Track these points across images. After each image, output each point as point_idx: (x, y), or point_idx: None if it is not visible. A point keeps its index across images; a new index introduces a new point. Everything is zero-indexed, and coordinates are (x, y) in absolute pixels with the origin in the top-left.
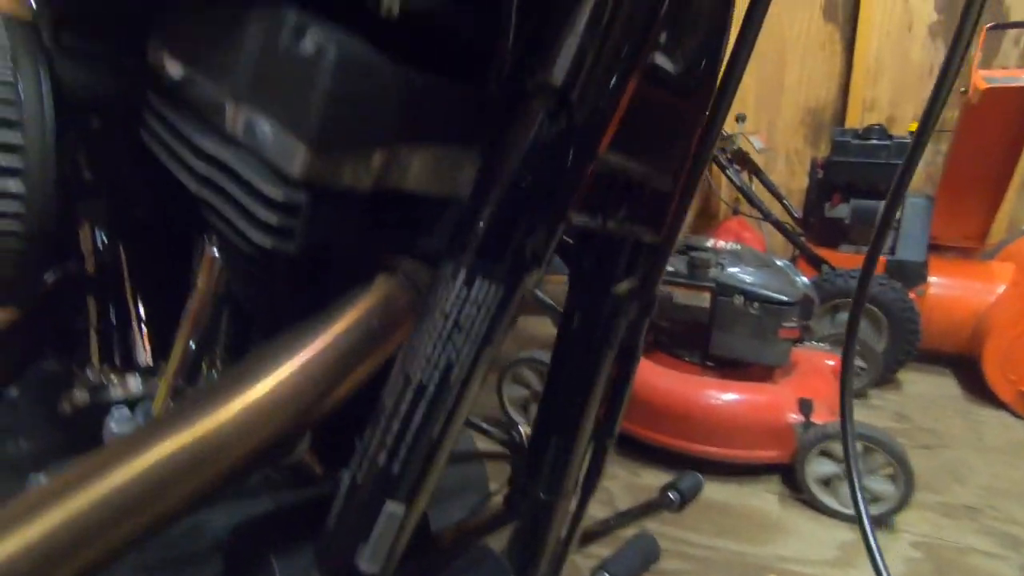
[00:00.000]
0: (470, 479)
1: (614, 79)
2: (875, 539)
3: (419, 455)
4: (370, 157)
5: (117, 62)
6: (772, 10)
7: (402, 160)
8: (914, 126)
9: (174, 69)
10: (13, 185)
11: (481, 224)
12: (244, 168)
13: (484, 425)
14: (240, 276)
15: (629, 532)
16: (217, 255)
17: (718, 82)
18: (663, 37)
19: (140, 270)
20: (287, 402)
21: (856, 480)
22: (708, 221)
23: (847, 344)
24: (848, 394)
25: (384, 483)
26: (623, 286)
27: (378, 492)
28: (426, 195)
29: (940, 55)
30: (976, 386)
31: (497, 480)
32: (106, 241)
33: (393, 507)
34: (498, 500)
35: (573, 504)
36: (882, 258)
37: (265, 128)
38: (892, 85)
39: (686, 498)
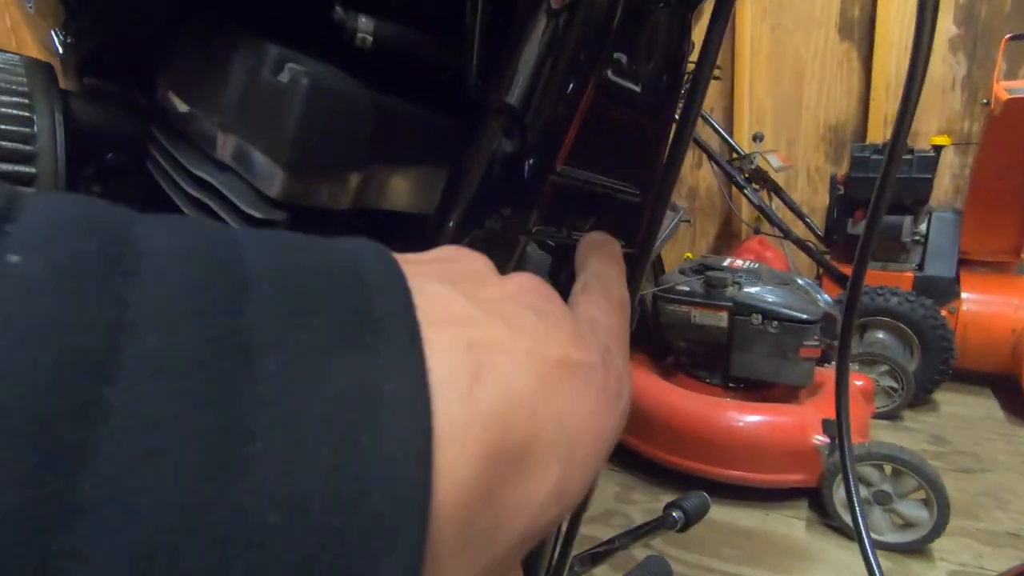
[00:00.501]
0: None
1: (567, 99)
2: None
3: None
4: (346, 178)
5: (132, 101)
6: (786, 29)
7: (379, 180)
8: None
9: (177, 105)
10: None
11: (444, 239)
12: (231, 191)
13: None
14: None
15: (641, 554)
16: None
17: (682, 98)
18: (621, 58)
19: None
20: None
21: (856, 500)
22: (729, 241)
23: (840, 358)
24: (844, 409)
25: None
26: None
27: None
28: (406, 213)
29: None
30: (1018, 406)
31: None
32: None
33: None
34: None
35: (564, 522)
36: (910, 274)
37: (249, 154)
38: None
39: (690, 518)
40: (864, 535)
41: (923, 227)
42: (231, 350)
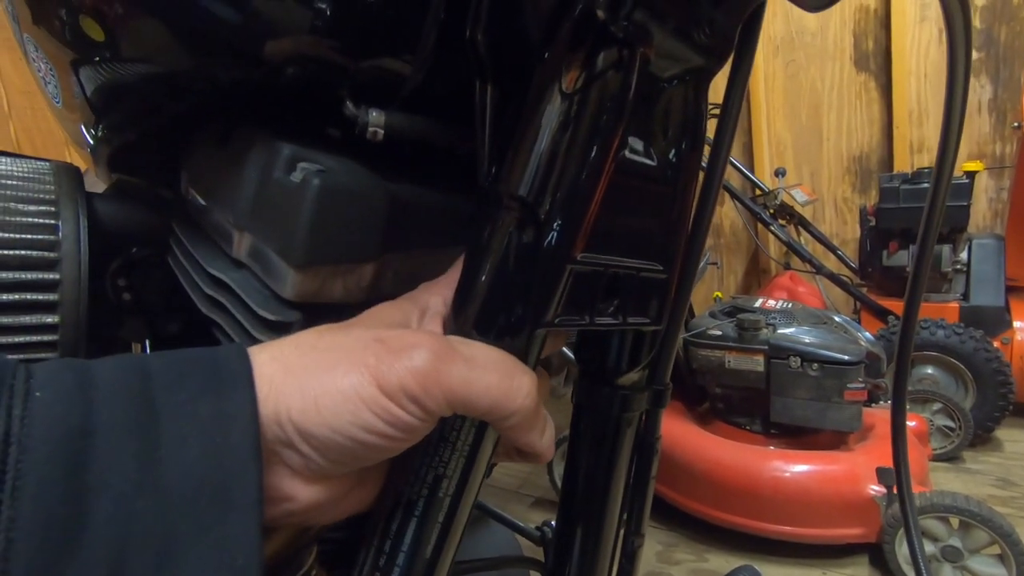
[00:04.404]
0: None
1: (582, 185)
2: None
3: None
4: (360, 272)
5: (157, 196)
6: (800, 64)
7: (394, 269)
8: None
9: (197, 201)
10: (50, 318)
11: (463, 334)
12: (245, 291)
13: (515, 521)
14: None
15: None
16: None
17: (703, 165)
18: (637, 137)
19: None
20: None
21: (920, 558)
22: (758, 277)
23: (894, 405)
24: (903, 460)
25: None
26: (631, 377)
27: None
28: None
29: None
30: None
31: None
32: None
33: None
34: None
35: None
36: (955, 305)
37: (264, 253)
38: (939, 126)
39: None
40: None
41: (963, 255)
42: (145, 406)
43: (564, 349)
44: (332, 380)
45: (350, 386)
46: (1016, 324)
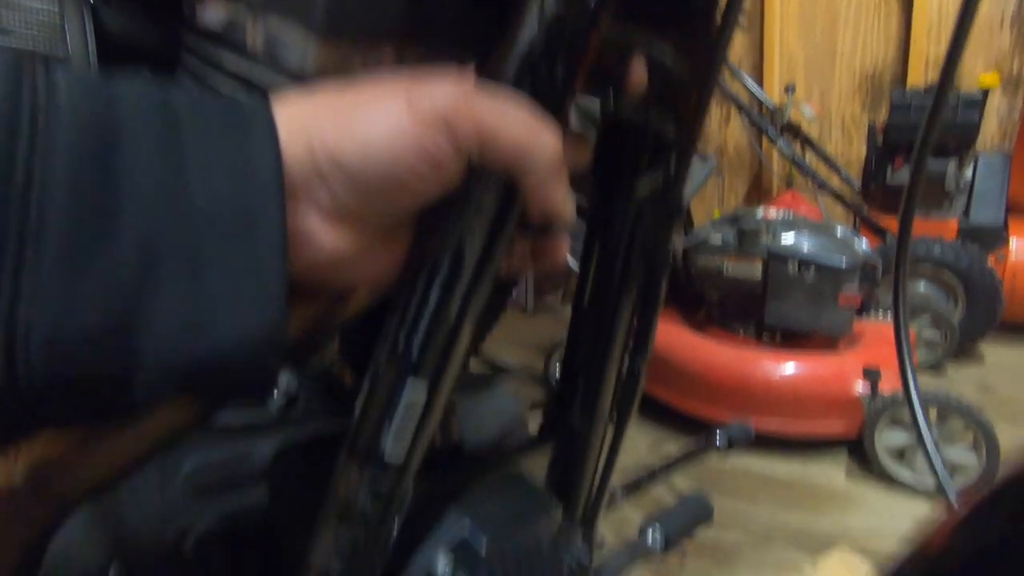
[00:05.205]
0: (502, 408)
1: None
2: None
3: (437, 335)
4: (379, 52)
5: (161, 8)
6: None
7: (412, 60)
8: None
9: (206, 11)
10: None
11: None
12: (263, 80)
13: (516, 366)
14: None
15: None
16: None
17: None
18: None
19: None
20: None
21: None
22: (760, 198)
23: (896, 307)
24: (907, 360)
25: (404, 362)
26: (646, 185)
27: (399, 372)
28: None
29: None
30: None
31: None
32: None
33: (414, 388)
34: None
35: (609, 432)
36: (954, 222)
37: (279, 33)
38: None
39: (735, 442)
40: (932, 450)
41: (968, 174)
42: (169, 119)
43: (569, 256)
44: (366, 109)
45: (384, 112)
46: (1013, 243)
